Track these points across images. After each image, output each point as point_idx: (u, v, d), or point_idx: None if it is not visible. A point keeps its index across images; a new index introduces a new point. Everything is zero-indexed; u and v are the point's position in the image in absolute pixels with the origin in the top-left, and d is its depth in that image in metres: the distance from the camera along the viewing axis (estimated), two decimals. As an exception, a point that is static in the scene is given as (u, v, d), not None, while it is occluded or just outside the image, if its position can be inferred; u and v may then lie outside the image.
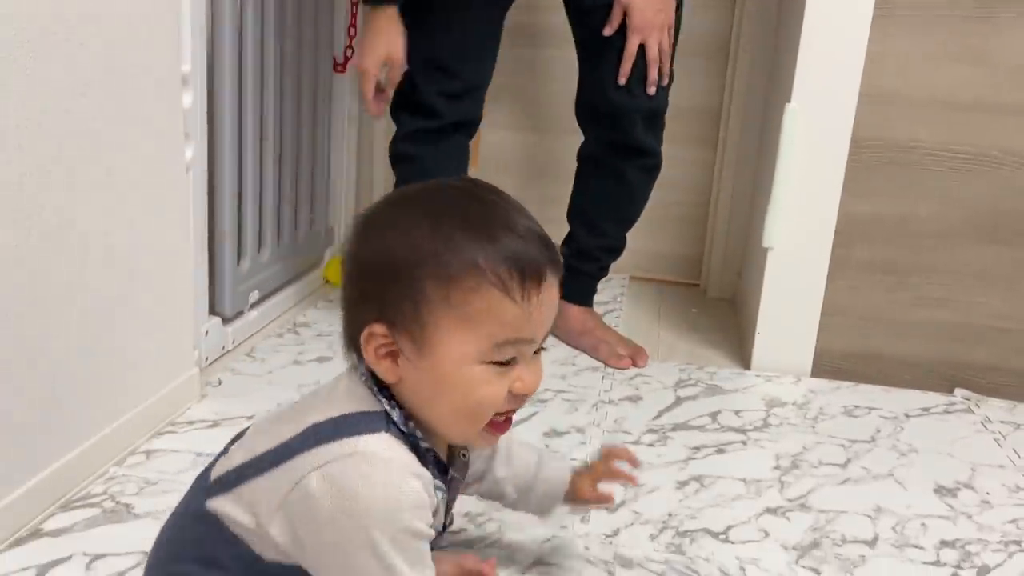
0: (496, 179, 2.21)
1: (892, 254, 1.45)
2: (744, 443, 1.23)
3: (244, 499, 0.64)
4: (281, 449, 0.63)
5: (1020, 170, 1.38)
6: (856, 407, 1.37)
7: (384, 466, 0.61)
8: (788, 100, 1.40)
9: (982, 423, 1.34)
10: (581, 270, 1.55)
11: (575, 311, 1.56)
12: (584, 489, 0.85)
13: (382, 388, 0.65)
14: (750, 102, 1.82)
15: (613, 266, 1.98)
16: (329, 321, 1.59)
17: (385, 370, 0.64)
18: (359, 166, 1.92)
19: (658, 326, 1.72)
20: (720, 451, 1.20)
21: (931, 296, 1.45)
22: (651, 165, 1.43)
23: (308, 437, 0.63)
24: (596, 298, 1.78)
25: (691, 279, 2.01)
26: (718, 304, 1.89)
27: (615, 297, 1.85)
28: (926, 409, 1.38)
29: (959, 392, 1.44)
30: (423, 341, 0.63)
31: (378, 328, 0.63)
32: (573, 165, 1.53)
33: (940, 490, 1.13)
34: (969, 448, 1.25)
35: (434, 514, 0.65)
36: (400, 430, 0.64)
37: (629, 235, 2.02)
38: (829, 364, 1.49)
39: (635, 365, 1.49)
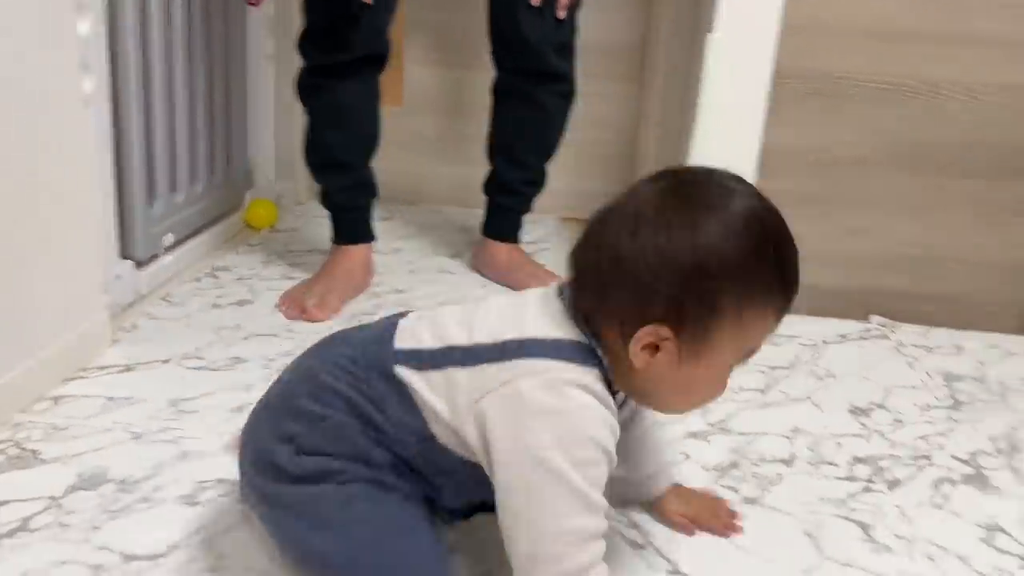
0: (419, 118, 2.17)
1: (814, 185, 1.47)
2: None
3: (436, 383, 0.67)
4: (491, 349, 0.65)
5: (935, 99, 1.41)
6: (777, 335, 1.38)
7: (587, 392, 0.64)
8: (710, 30, 1.39)
9: (896, 348, 1.38)
10: (505, 205, 1.54)
11: (502, 248, 1.55)
12: (672, 509, 0.88)
13: (592, 332, 0.67)
14: (676, 35, 1.81)
15: (542, 206, 1.96)
16: (250, 265, 1.54)
17: (640, 359, 0.65)
18: (278, 106, 1.85)
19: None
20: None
21: (851, 225, 1.48)
22: (566, 91, 1.42)
23: (524, 347, 0.65)
24: (525, 238, 1.77)
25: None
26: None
27: (545, 237, 1.85)
28: (844, 336, 1.41)
29: (875, 319, 1.48)
30: (699, 350, 0.65)
31: (664, 332, 0.64)
32: (497, 101, 1.50)
33: (855, 411, 1.17)
34: (884, 371, 1.29)
35: None
36: (604, 375, 0.66)
37: (558, 175, 2.00)
38: (753, 296, 1.51)
39: (564, 301, 1.48)
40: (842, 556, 0.86)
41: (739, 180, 0.67)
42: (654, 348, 0.65)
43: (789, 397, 1.19)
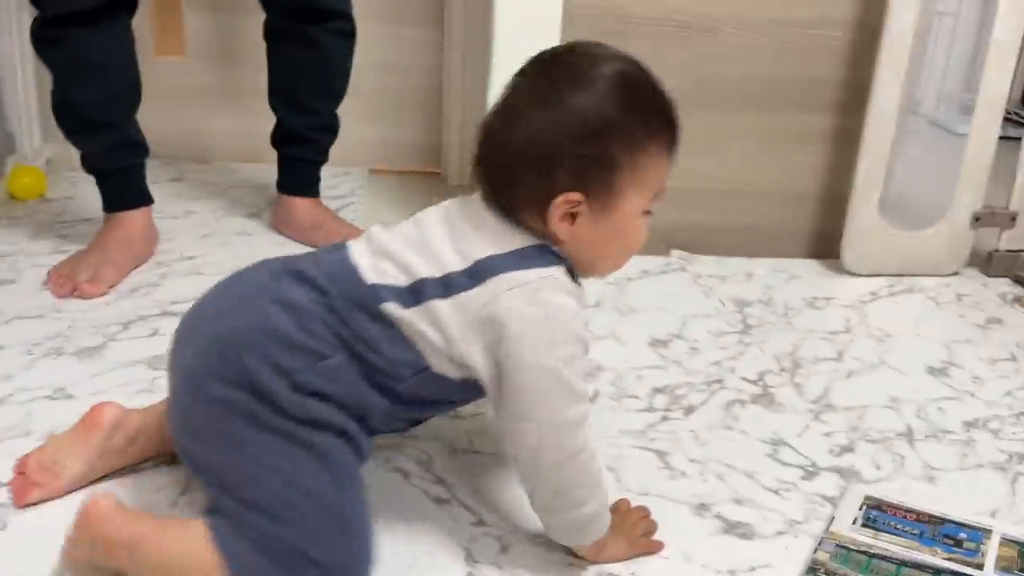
0: (204, 68, 2.00)
1: (610, 125, 1.48)
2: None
3: (423, 316, 0.70)
4: (462, 276, 0.70)
5: (716, 36, 1.45)
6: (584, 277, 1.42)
7: (565, 292, 0.71)
8: (499, -31, 1.36)
9: (694, 279, 1.44)
10: (297, 156, 1.45)
11: (302, 204, 1.47)
12: None
13: (543, 234, 0.72)
14: (472, -23, 1.76)
15: (350, 159, 1.89)
16: (13, 240, 1.38)
17: (563, 231, 0.72)
18: (37, 61, 1.65)
19: (398, 217, 1.67)
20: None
21: (647, 163, 1.51)
22: (344, 29, 1.35)
23: (492, 265, 0.70)
24: (331, 193, 1.70)
25: (433, 168, 1.97)
26: (460, 191, 1.84)
27: (352, 191, 1.77)
28: (646, 271, 1.45)
29: (675, 253, 1.53)
30: (608, 203, 0.72)
31: (574, 196, 0.71)
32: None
33: (655, 343, 1.20)
34: (682, 302, 1.34)
35: None
36: (567, 266, 0.73)
37: (364, 125, 1.93)
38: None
39: (370, 256, 1.43)
40: (639, 486, 0.88)
41: (600, 46, 0.74)
42: (571, 217, 0.71)
43: (595, 335, 1.20)
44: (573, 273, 0.74)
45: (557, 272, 0.71)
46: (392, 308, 0.70)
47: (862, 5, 1.44)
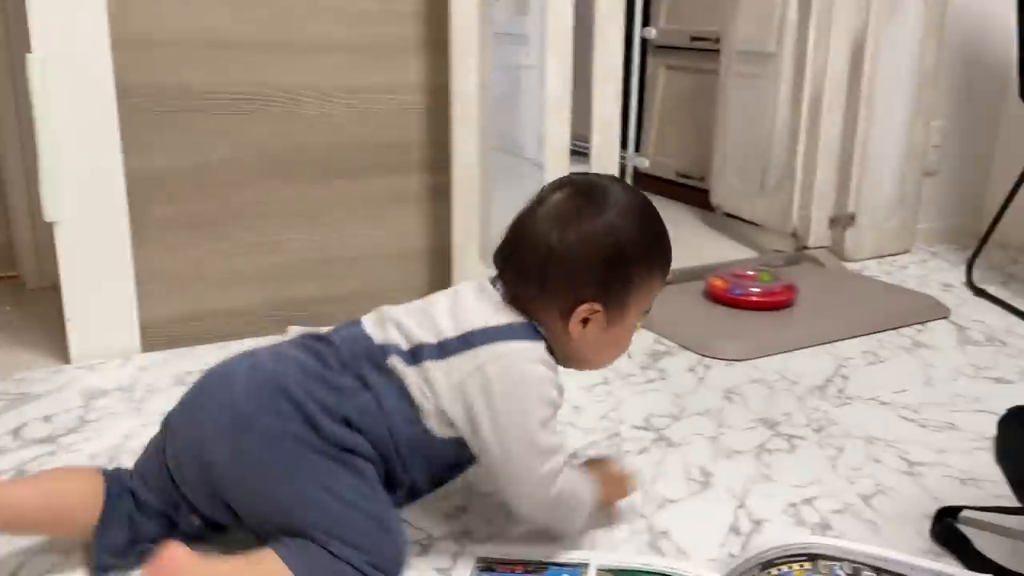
0: None
1: (195, 206, 1.38)
2: (53, 453, 1.06)
3: (418, 375, 0.81)
4: (455, 342, 0.81)
5: (295, 106, 1.42)
6: (188, 372, 1.30)
7: (542, 364, 0.82)
8: (29, 50, 1.20)
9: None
10: None
11: None
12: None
13: (527, 314, 0.84)
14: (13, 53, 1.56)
15: None
16: None
17: (576, 331, 0.83)
18: None
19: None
20: (21, 472, 1.01)
21: (245, 241, 1.43)
22: None
23: (482, 335, 0.81)
24: None
25: (7, 271, 1.70)
26: (42, 295, 1.63)
27: None
28: (258, 356, 1.36)
29: (292, 329, 1.46)
30: (620, 315, 0.85)
31: (597, 307, 0.83)
32: None
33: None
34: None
35: None
36: (548, 346, 0.84)
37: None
38: (160, 334, 1.39)
39: (-88, 396, 1.18)
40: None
41: (612, 179, 0.88)
42: (585, 320, 0.83)
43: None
44: (551, 351, 0.84)
45: (538, 347, 0.82)
46: (395, 362, 0.81)
47: (431, 70, 1.51)
